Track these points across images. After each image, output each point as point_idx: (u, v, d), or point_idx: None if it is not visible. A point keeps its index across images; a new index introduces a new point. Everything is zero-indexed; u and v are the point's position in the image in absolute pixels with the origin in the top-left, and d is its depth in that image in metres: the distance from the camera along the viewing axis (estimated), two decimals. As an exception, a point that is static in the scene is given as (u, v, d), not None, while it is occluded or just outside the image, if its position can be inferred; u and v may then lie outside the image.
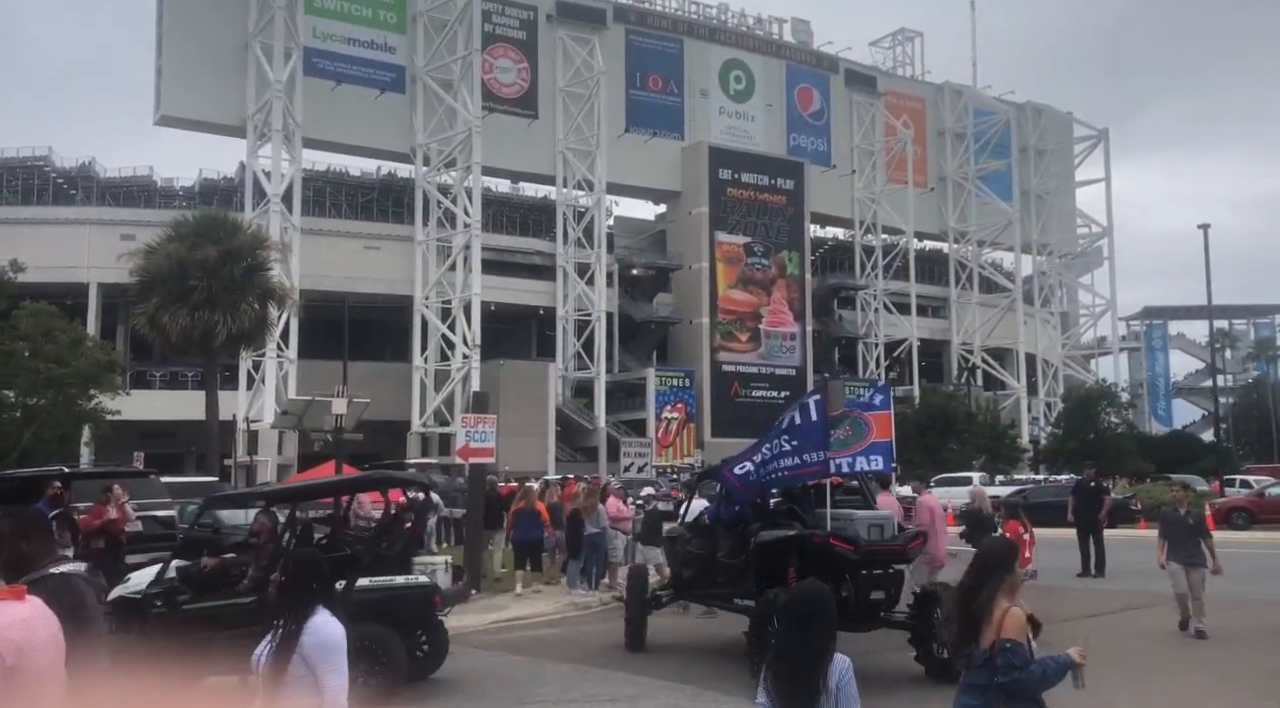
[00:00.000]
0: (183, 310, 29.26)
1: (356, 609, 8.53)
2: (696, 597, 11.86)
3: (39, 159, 57.70)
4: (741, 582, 10.46)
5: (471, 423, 17.76)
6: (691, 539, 11.60)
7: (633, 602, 11.55)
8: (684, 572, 11.57)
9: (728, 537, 10.94)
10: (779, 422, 10.59)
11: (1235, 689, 9.52)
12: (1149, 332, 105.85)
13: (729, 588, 10.74)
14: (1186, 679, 10.01)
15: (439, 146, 57.27)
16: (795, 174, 69.08)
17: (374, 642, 8.74)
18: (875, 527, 10.13)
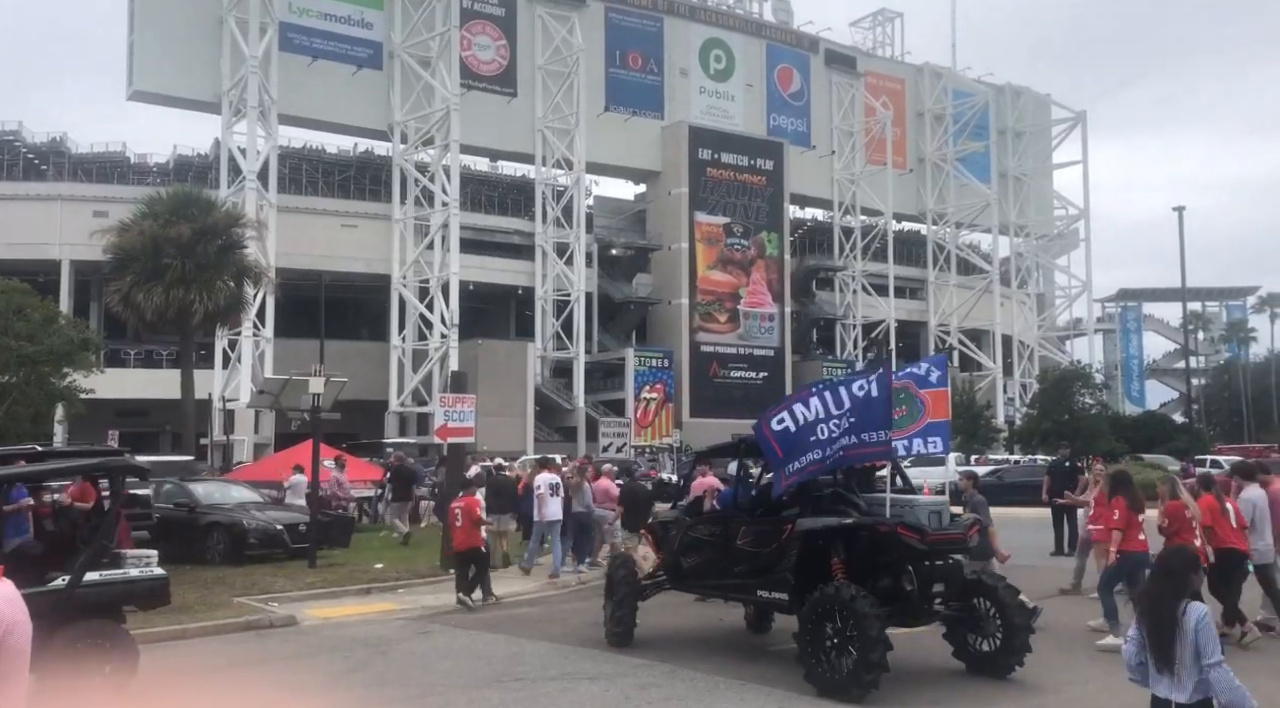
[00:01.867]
0: (157, 288, 29.00)
1: (82, 602, 8.25)
2: (698, 588, 10.82)
3: (9, 134, 56.84)
4: (772, 573, 9.42)
5: (450, 403, 17.68)
6: (696, 525, 10.60)
7: (626, 595, 10.52)
8: (683, 560, 10.50)
9: (752, 523, 9.94)
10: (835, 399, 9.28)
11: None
12: (1123, 314, 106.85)
13: (752, 579, 9.69)
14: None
15: (417, 124, 56.83)
16: (775, 154, 69.06)
17: (101, 635, 8.30)
18: (934, 514, 9.18)
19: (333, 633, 11.80)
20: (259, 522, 18.14)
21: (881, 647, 8.13)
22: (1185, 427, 59.08)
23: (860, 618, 8.16)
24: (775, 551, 9.42)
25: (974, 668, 9.25)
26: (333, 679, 9.36)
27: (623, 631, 10.51)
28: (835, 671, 8.32)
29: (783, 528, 9.43)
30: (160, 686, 8.98)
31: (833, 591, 8.50)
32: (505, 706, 8.24)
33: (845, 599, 8.33)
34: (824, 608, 8.49)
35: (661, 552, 10.91)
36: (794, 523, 9.31)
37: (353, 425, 41.95)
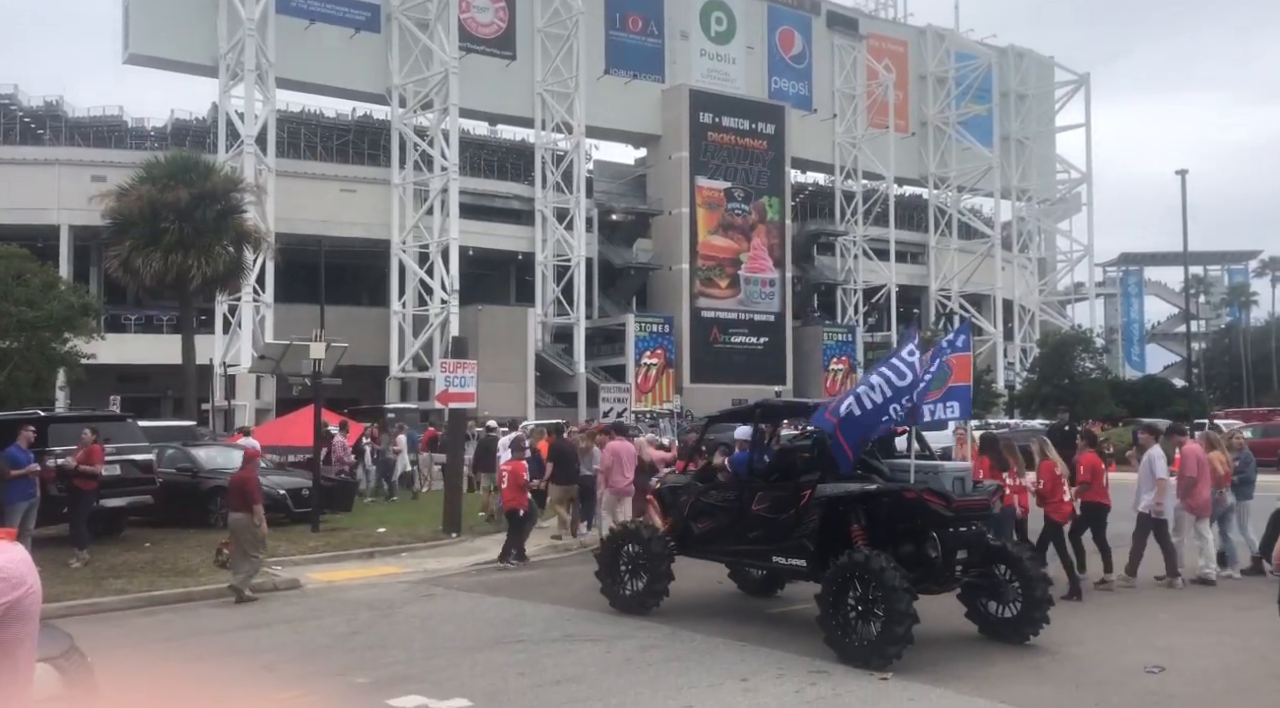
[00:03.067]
0: (156, 253, 28.91)
1: None
2: (708, 553, 10.68)
3: (4, 97, 56.48)
4: (789, 539, 9.35)
5: (451, 368, 17.70)
6: (709, 490, 10.47)
7: (661, 562, 10.32)
8: (694, 526, 10.38)
9: (769, 489, 9.84)
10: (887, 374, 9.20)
11: (1198, 626, 9.78)
12: (1125, 278, 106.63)
13: (767, 545, 9.59)
14: (1154, 617, 10.26)
15: (415, 88, 56.40)
16: (776, 118, 68.58)
17: None
18: (959, 480, 9.10)
19: (336, 596, 11.91)
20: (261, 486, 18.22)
21: (909, 620, 8.09)
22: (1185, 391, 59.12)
23: (890, 591, 8.08)
24: (793, 517, 9.34)
25: (989, 633, 9.25)
26: (337, 642, 9.46)
27: (656, 600, 10.44)
28: (858, 638, 8.29)
29: (801, 494, 9.35)
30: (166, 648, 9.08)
31: (862, 559, 8.38)
32: (508, 667, 8.33)
33: (875, 570, 8.22)
34: (849, 575, 8.41)
35: (669, 518, 10.87)
36: (813, 489, 9.21)
37: (354, 391, 42.04)
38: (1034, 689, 7.48)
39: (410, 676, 8.06)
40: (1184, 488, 11.86)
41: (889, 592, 8.09)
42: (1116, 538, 12.10)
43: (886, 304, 74.76)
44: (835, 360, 69.08)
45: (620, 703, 7.20)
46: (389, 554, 14.97)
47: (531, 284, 61.56)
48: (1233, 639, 9.21)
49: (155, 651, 9.05)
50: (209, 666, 8.51)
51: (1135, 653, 8.60)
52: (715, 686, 7.65)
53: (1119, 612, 10.48)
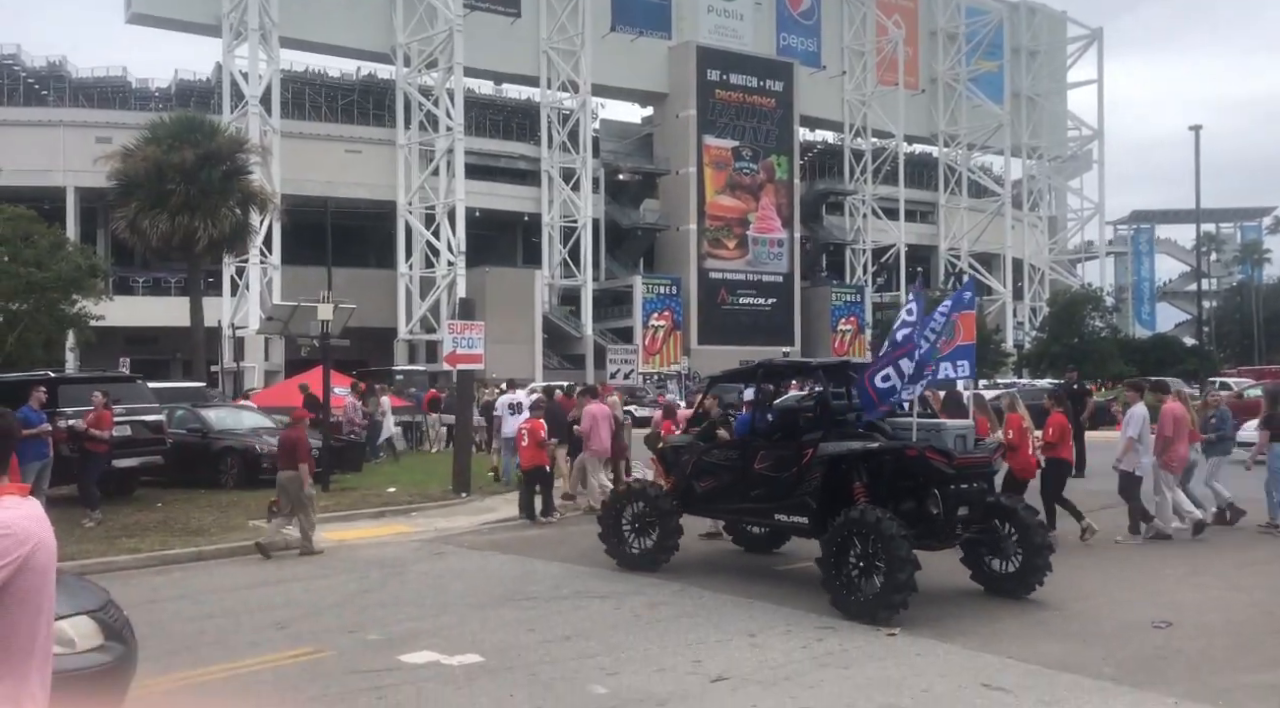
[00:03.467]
0: (162, 215, 28.87)
1: None
2: (711, 512, 10.88)
3: (7, 58, 56.16)
4: (791, 497, 9.42)
5: (459, 330, 17.70)
6: (711, 450, 10.49)
7: (670, 519, 10.48)
8: (697, 485, 10.43)
9: (771, 447, 9.89)
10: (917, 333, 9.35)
11: (1206, 581, 9.81)
12: (1136, 236, 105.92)
13: (770, 503, 9.68)
14: (1159, 572, 10.29)
15: (419, 46, 55.92)
16: (785, 75, 67.89)
17: None
18: (960, 438, 9.15)
19: (347, 555, 12.00)
20: (272, 447, 18.32)
21: (910, 566, 8.15)
22: (1196, 349, 58.97)
23: (887, 539, 8.16)
24: (795, 475, 9.41)
25: (992, 589, 9.32)
26: (348, 599, 9.55)
27: (666, 557, 10.56)
28: (861, 594, 8.35)
29: (803, 452, 9.39)
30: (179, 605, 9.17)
31: (858, 514, 8.48)
32: (518, 623, 8.40)
33: (871, 521, 8.31)
34: (848, 532, 8.48)
35: (671, 477, 10.92)
36: (815, 447, 9.27)
37: (362, 353, 42.16)
38: (1041, 645, 7.52)
39: (422, 632, 8.14)
40: (1160, 446, 12.05)
41: (887, 541, 8.17)
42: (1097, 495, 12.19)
43: (895, 264, 74.43)
44: (844, 321, 68.96)
45: (629, 658, 7.27)
46: (399, 514, 15.06)
47: (538, 246, 61.39)
48: (1239, 595, 9.25)
49: (168, 609, 9.15)
50: (221, 623, 8.60)
51: (1142, 609, 8.64)
52: (723, 641, 7.71)
53: (1125, 568, 10.52)
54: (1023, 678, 6.68)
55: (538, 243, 61.54)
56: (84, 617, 5.30)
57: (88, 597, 5.66)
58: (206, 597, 9.70)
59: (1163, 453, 12.01)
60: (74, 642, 5.15)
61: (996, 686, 6.52)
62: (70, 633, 5.15)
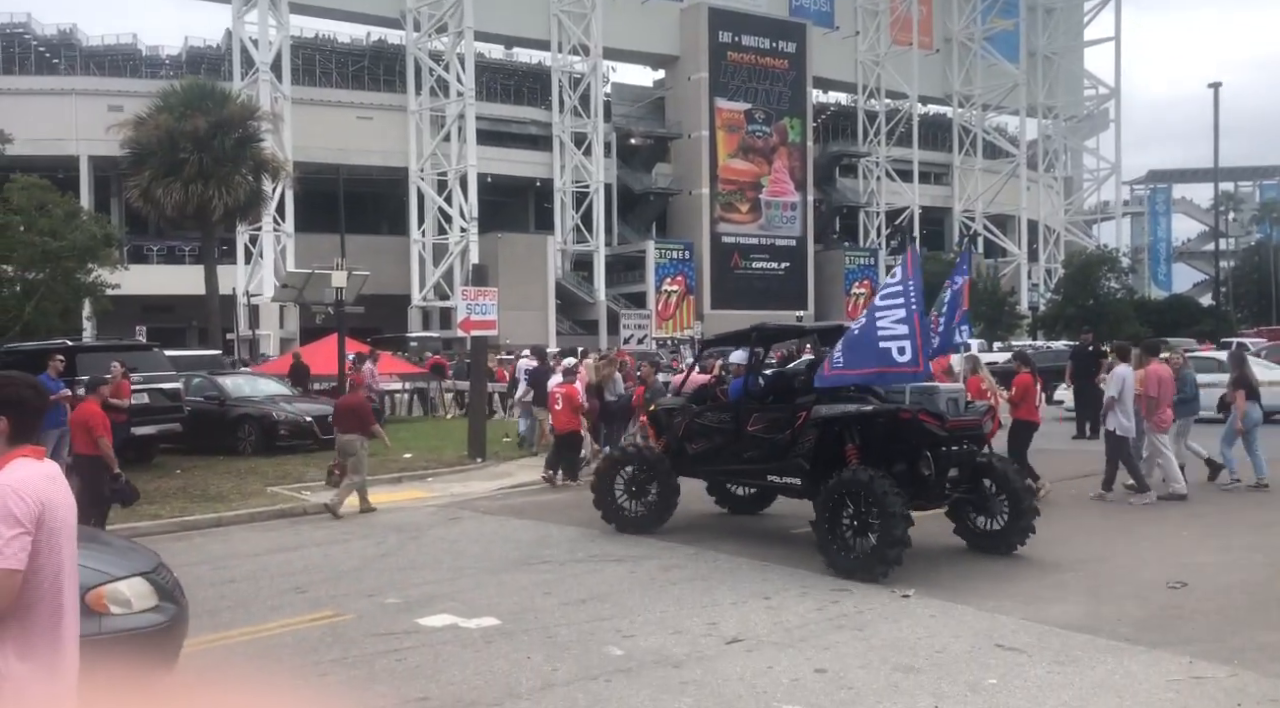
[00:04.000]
0: (176, 183, 28.85)
1: None
2: (702, 473, 10.96)
3: (18, 26, 56.01)
4: (785, 459, 9.55)
5: (472, 296, 17.74)
6: (704, 412, 10.60)
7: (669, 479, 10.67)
8: (689, 446, 10.53)
9: (765, 410, 10.04)
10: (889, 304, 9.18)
11: (1223, 543, 9.80)
12: (1152, 196, 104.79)
13: (763, 464, 9.82)
14: (1176, 534, 10.29)
15: (429, 10, 55.51)
16: (798, 36, 67.16)
17: None
18: (952, 400, 9.36)
19: (365, 520, 12.11)
20: (288, 414, 18.47)
21: (903, 524, 8.31)
22: (1212, 309, 58.52)
23: (880, 497, 8.33)
24: (789, 437, 9.52)
25: (976, 546, 9.51)
26: (366, 564, 9.64)
27: (665, 518, 10.71)
28: (855, 552, 8.52)
29: (797, 415, 9.51)
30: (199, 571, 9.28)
31: (850, 474, 8.64)
32: (534, 586, 8.47)
33: (865, 481, 8.49)
34: (842, 492, 8.65)
35: (663, 439, 10.98)
36: (809, 410, 9.38)
37: (376, 320, 42.27)
38: (1056, 606, 7.55)
39: (439, 595, 8.22)
40: (1147, 407, 12.20)
41: (879, 498, 8.34)
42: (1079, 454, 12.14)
43: (909, 226, 73.94)
44: (857, 284, 68.69)
45: (645, 620, 7.33)
46: (415, 479, 15.17)
47: (550, 211, 61.23)
48: (1255, 556, 9.24)
49: (188, 574, 9.24)
50: (242, 587, 8.70)
51: (1157, 569, 8.65)
52: (739, 603, 7.76)
53: (1142, 529, 10.53)
54: (1037, 638, 6.71)
55: (550, 208, 61.38)
56: (138, 578, 5.47)
57: (140, 559, 5.84)
58: (226, 562, 9.81)
59: (1151, 414, 12.18)
60: (130, 602, 5.31)
61: (1011, 646, 6.56)
62: (127, 593, 5.31)
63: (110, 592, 5.21)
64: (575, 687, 5.95)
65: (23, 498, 2.91)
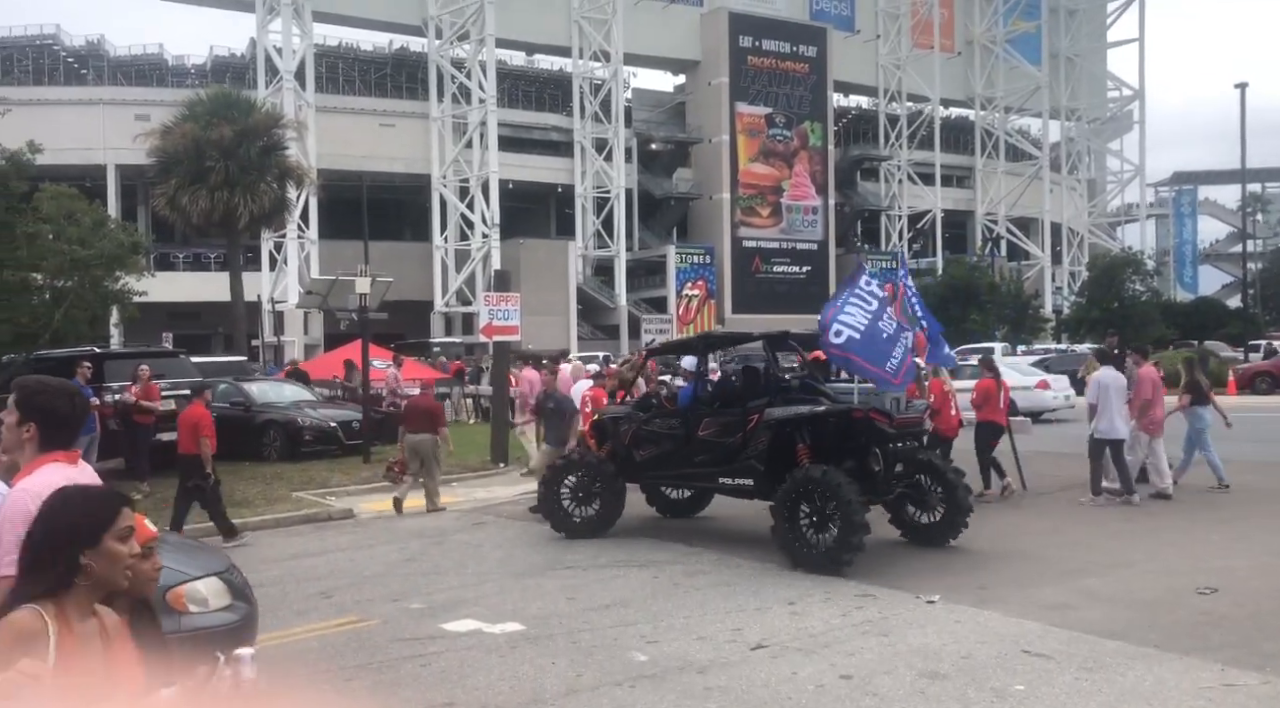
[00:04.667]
0: (202, 191, 29.15)
1: None
2: (649, 479, 11.29)
3: (47, 38, 56.70)
4: (737, 461, 9.89)
5: (494, 302, 17.80)
6: (652, 418, 10.81)
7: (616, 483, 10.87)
8: (636, 453, 10.75)
9: (716, 414, 10.31)
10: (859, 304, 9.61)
11: (1251, 547, 9.69)
12: (1178, 197, 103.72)
13: (714, 468, 10.13)
14: (1204, 538, 10.19)
15: (451, 18, 55.80)
16: (818, 40, 67.04)
17: None
18: (895, 400, 9.87)
19: (388, 525, 12.18)
20: (313, 419, 18.60)
21: (862, 518, 8.77)
22: (1239, 312, 57.91)
23: (839, 493, 8.73)
24: (740, 439, 9.87)
25: (914, 538, 10.06)
26: (390, 569, 9.69)
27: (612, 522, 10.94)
28: (813, 547, 8.92)
29: (749, 418, 9.86)
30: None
31: (808, 472, 9.01)
32: (557, 592, 8.49)
33: (823, 478, 8.88)
34: (800, 489, 9.02)
35: (606, 447, 11.12)
36: (761, 413, 9.76)
37: (399, 326, 42.46)
38: (1083, 612, 7.49)
39: (463, 600, 8.25)
40: (1138, 409, 12.45)
41: (844, 504, 8.71)
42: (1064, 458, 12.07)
43: (932, 229, 73.61)
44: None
45: (669, 626, 7.33)
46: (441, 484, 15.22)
47: (571, 217, 61.34)
48: (1285, 561, 9.14)
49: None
50: (268, 592, 8.76)
51: (1186, 575, 8.57)
52: (763, 609, 7.75)
53: (1167, 534, 10.44)
54: (1065, 644, 6.67)
55: (571, 214, 61.49)
56: (213, 578, 5.71)
57: (213, 560, 6.11)
58: (252, 567, 9.85)
59: (1141, 416, 12.42)
60: (206, 600, 5.54)
61: (1038, 652, 6.52)
62: (203, 592, 5.54)
63: (189, 591, 5.43)
64: (600, 693, 5.96)
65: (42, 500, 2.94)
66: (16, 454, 3.12)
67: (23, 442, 3.09)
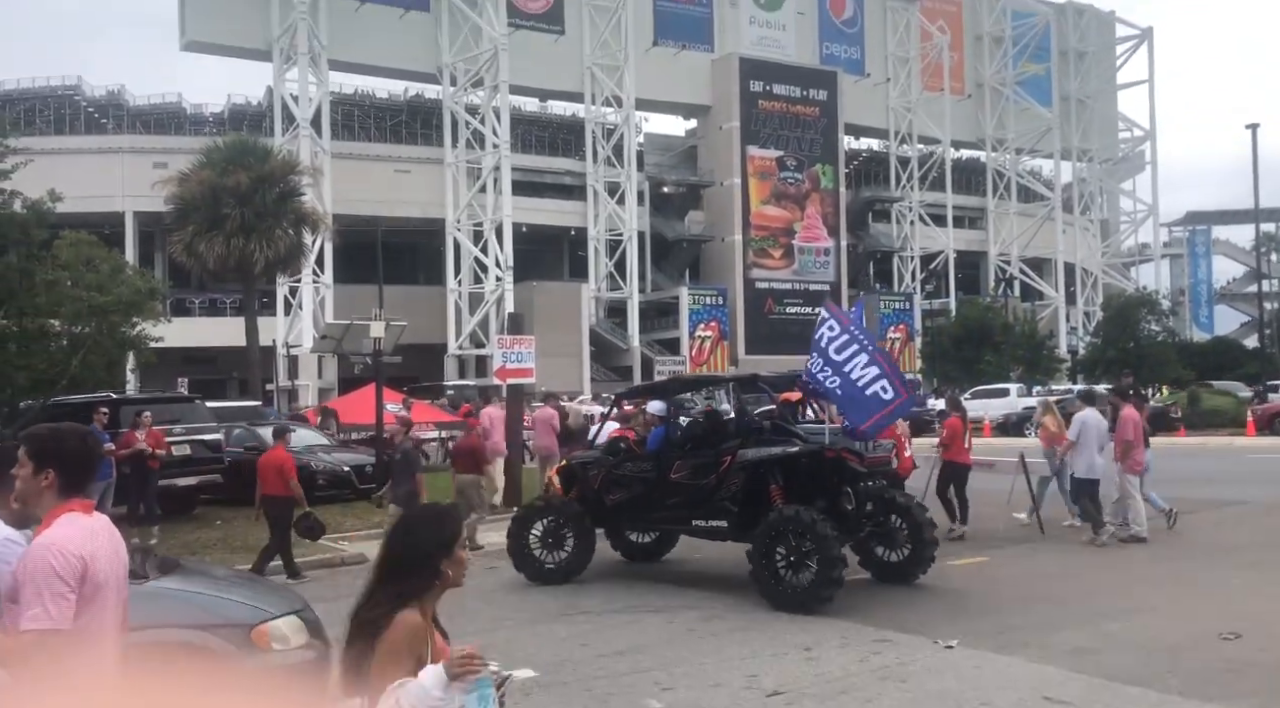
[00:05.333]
0: (219, 237, 29.48)
1: None
2: (620, 523, 11.23)
3: (69, 88, 57.70)
4: (710, 503, 9.88)
5: (509, 344, 17.83)
6: (622, 463, 10.80)
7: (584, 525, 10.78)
8: (607, 497, 10.69)
9: (688, 457, 10.29)
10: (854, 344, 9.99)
11: (1273, 591, 9.54)
12: (1191, 237, 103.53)
13: (687, 510, 10.09)
14: (1225, 581, 10.04)
15: (465, 66, 56.58)
16: (828, 84, 67.64)
17: None
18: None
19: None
20: (326, 463, 18.59)
21: (840, 558, 8.88)
22: (1257, 352, 57.52)
23: (816, 533, 8.80)
24: (714, 481, 9.88)
25: (881, 576, 10.14)
26: (404, 614, 9.62)
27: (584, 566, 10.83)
28: (790, 587, 8.98)
29: (722, 460, 9.90)
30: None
31: (794, 514, 9.04)
32: (571, 638, 8.41)
33: (800, 519, 8.92)
34: (778, 530, 9.07)
35: (574, 492, 11.01)
36: (734, 454, 9.81)
37: (413, 369, 42.59)
38: (1104, 657, 7.37)
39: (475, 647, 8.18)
40: (1121, 450, 12.49)
41: (821, 541, 8.79)
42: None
43: (945, 270, 73.64)
44: (893, 329, 68.31)
45: (685, 673, 7.24)
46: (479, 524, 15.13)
47: (584, 259, 61.66)
48: (1310, 605, 8.99)
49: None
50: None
51: (1209, 620, 8.43)
52: (779, 655, 7.66)
53: (1190, 579, 10.29)
54: (1086, 691, 6.56)
55: (584, 256, 61.82)
56: (293, 616, 5.80)
57: (291, 600, 6.19)
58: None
59: (1124, 457, 12.45)
60: (288, 638, 5.64)
61: (1059, 699, 6.41)
62: (285, 630, 5.65)
63: (272, 629, 5.47)
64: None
65: (65, 556, 2.93)
66: (33, 504, 3.13)
67: (42, 490, 3.09)
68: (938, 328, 59.72)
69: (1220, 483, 17.27)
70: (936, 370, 55.32)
